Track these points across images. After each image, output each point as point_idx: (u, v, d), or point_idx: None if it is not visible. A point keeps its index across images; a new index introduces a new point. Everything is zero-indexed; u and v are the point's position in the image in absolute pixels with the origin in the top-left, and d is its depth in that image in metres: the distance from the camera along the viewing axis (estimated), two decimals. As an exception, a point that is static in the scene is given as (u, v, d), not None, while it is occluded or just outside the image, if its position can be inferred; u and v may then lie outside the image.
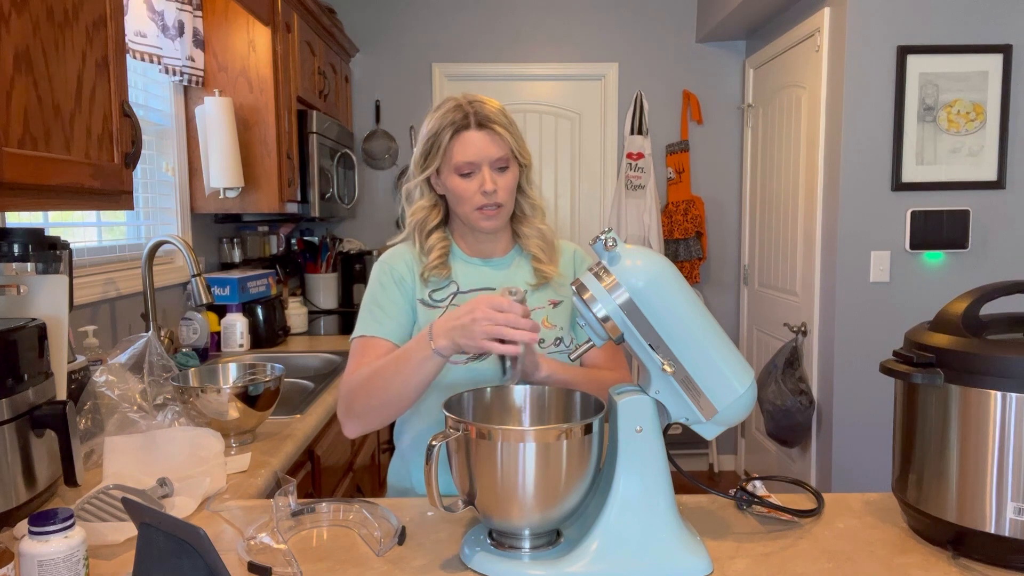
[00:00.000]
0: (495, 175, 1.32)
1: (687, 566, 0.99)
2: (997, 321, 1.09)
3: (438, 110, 1.34)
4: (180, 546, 0.83)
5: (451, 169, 1.32)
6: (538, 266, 1.41)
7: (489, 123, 1.31)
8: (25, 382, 1.20)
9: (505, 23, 4.00)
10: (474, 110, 1.31)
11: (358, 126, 4.01)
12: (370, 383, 1.23)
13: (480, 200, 1.32)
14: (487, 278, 1.40)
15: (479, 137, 1.31)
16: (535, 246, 1.42)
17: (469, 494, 1.01)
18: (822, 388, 3.09)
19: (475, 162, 1.31)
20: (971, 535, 1.01)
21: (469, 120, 1.31)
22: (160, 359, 1.69)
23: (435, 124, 1.33)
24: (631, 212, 3.97)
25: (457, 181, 1.33)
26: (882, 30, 2.83)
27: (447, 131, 1.31)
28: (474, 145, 1.30)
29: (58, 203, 1.34)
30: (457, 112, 1.31)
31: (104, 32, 1.42)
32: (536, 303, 1.39)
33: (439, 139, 1.32)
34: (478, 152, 1.31)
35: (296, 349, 2.84)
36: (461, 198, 1.33)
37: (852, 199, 2.90)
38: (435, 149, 1.33)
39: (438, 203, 1.41)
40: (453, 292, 1.38)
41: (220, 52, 2.64)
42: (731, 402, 1.00)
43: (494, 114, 1.33)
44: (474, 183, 1.32)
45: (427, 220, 1.40)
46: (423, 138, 1.35)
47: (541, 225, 1.43)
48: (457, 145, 1.31)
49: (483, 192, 1.31)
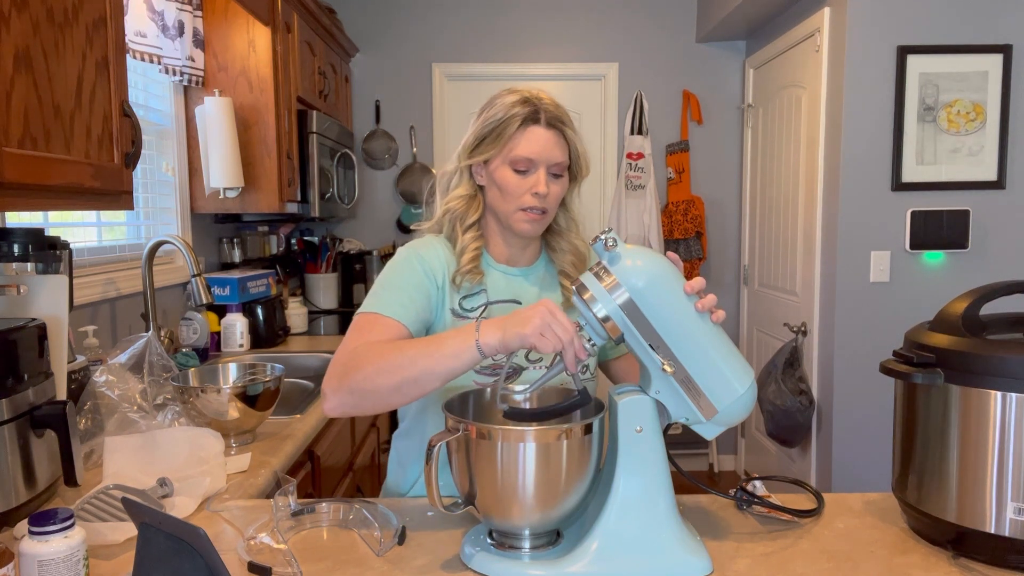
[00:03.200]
0: (549, 180, 1.26)
1: (687, 566, 0.99)
2: (997, 321, 1.09)
3: (500, 99, 1.27)
4: (180, 546, 0.83)
5: (506, 161, 1.25)
6: (566, 283, 1.35)
7: (560, 124, 1.26)
8: (25, 382, 1.20)
9: (505, 23, 4.00)
10: (544, 107, 1.25)
11: (358, 126, 4.02)
12: (384, 358, 1.09)
13: (529, 201, 1.25)
14: (516, 289, 1.33)
15: (546, 136, 1.25)
16: (568, 262, 1.36)
17: (469, 494, 1.01)
18: (822, 388, 3.09)
19: (535, 160, 1.24)
20: (971, 535, 1.01)
21: (539, 116, 1.24)
22: (160, 359, 1.69)
23: (499, 112, 1.25)
24: (631, 212, 3.97)
25: (509, 175, 1.25)
26: (882, 30, 2.83)
27: (514, 121, 1.24)
28: (540, 142, 1.24)
29: (58, 203, 1.34)
30: (527, 105, 1.24)
31: (104, 32, 1.42)
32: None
33: (504, 127, 1.24)
34: (542, 150, 1.24)
35: (296, 349, 2.84)
36: (510, 194, 1.26)
37: (852, 199, 2.90)
38: (495, 136, 1.25)
39: (477, 195, 1.32)
40: (484, 303, 1.30)
41: (220, 52, 2.64)
42: (731, 402, 1.00)
43: (565, 116, 1.27)
44: (527, 181, 1.25)
45: (466, 214, 1.31)
46: (482, 122, 1.27)
47: (576, 240, 1.37)
48: (523, 137, 1.24)
49: (534, 193, 1.24)
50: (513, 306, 1.30)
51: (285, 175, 2.74)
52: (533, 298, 1.33)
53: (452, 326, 1.27)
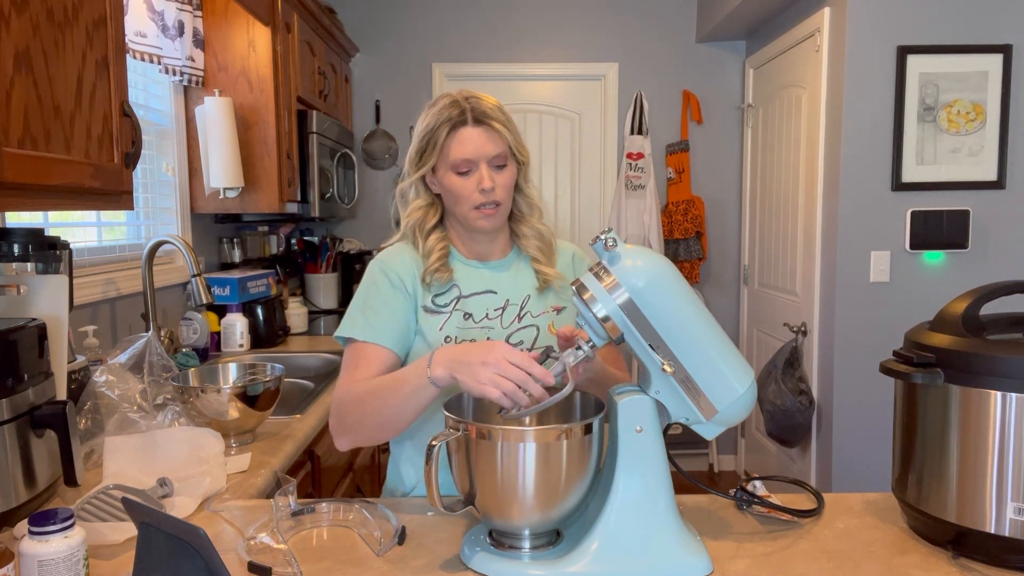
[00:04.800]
0: (493, 173, 1.29)
1: (687, 566, 0.99)
2: (997, 321, 1.09)
3: (433, 106, 1.31)
4: (180, 546, 0.83)
5: (448, 167, 1.29)
6: (537, 267, 1.38)
7: (487, 119, 1.28)
8: (25, 382, 1.20)
9: (505, 23, 4.00)
10: (471, 106, 1.28)
11: (358, 126, 4.01)
12: (364, 403, 1.19)
13: (478, 199, 1.29)
14: (488, 281, 1.37)
15: (476, 134, 1.28)
16: (533, 247, 1.39)
17: (469, 494, 1.01)
18: (822, 388, 3.09)
19: (472, 159, 1.27)
20: (971, 535, 1.01)
21: (466, 116, 1.27)
22: (160, 359, 1.69)
23: (431, 121, 1.30)
24: (631, 212, 3.96)
25: (454, 179, 1.29)
26: (882, 30, 2.83)
27: (443, 128, 1.28)
28: (472, 142, 1.27)
29: (58, 203, 1.34)
30: (453, 108, 1.28)
31: (104, 32, 1.42)
32: (539, 309, 1.36)
33: (435, 136, 1.28)
34: (476, 149, 1.27)
35: (296, 349, 2.84)
36: (459, 197, 1.30)
37: (852, 199, 2.90)
38: (431, 146, 1.29)
39: (435, 202, 1.37)
40: (456, 296, 1.34)
41: (220, 52, 2.64)
42: (731, 402, 1.00)
43: (491, 110, 1.30)
44: (471, 181, 1.28)
45: (425, 220, 1.36)
46: (418, 135, 1.32)
47: (539, 225, 1.40)
48: (454, 142, 1.28)
49: (481, 190, 1.28)
50: (486, 297, 1.35)
51: (285, 175, 2.74)
52: (507, 286, 1.37)
53: (424, 323, 1.32)
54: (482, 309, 1.34)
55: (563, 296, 1.39)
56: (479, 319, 1.33)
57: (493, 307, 1.34)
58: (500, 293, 1.36)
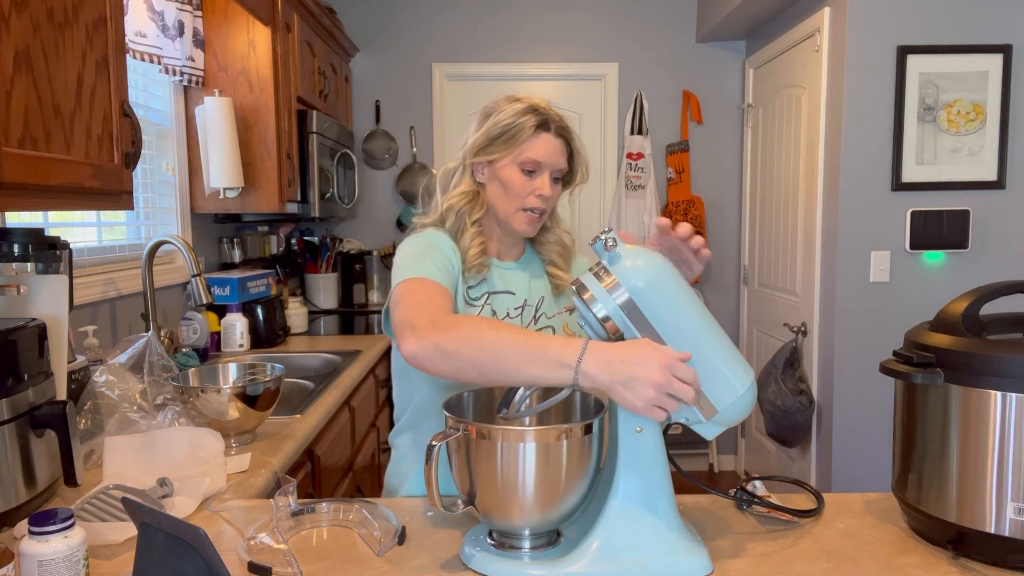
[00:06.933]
0: (551, 184, 1.33)
1: (687, 566, 0.99)
2: (997, 321, 1.09)
3: (508, 105, 1.33)
4: (180, 546, 0.83)
5: (515, 162, 1.31)
6: (554, 271, 1.42)
7: (569, 134, 1.34)
8: (25, 382, 1.20)
9: (505, 23, 4.00)
10: (552, 117, 1.33)
11: (358, 126, 4.01)
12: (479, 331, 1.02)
13: (532, 202, 1.32)
14: (508, 281, 1.39)
15: (555, 143, 1.32)
16: (555, 252, 1.43)
17: (469, 494, 1.01)
18: (822, 388, 3.09)
19: (543, 163, 1.31)
20: (971, 535, 1.01)
21: (550, 124, 1.32)
22: (160, 359, 1.69)
23: (510, 117, 1.31)
24: (631, 212, 3.97)
25: (517, 175, 1.32)
26: (882, 30, 2.83)
27: (528, 125, 1.30)
28: (549, 147, 1.31)
29: (58, 203, 1.34)
30: (537, 114, 1.32)
31: (104, 32, 1.42)
32: (554, 310, 1.40)
33: (517, 131, 1.30)
34: (550, 155, 1.31)
35: (296, 349, 2.84)
36: (515, 193, 1.32)
37: (852, 199, 2.90)
38: (507, 139, 1.31)
39: (480, 193, 1.37)
40: (487, 291, 1.36)
41: (220, 52, 2.64)
42: (731, 402, 1.00)
43: (571, 127, 1.36)
44: (532, 183, 1.32)
45: (472, 210, 1.35)
46: (493, 124, 1.32)
47: (562, 234, 1.45)
48: (536, 142, 1.31)
49: (538, 195, 1.32)
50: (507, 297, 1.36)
51: (285, 175, 2.74)
52: (524, 287, 1.39)
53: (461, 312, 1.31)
54: (504, 308, 1.37)
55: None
56: (502, 317, 1.36)
57: (513, 306, 1.37)
58: (518, 294, 1.39)
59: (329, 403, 2.02)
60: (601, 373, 0.94)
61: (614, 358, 0.94)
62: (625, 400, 0.94)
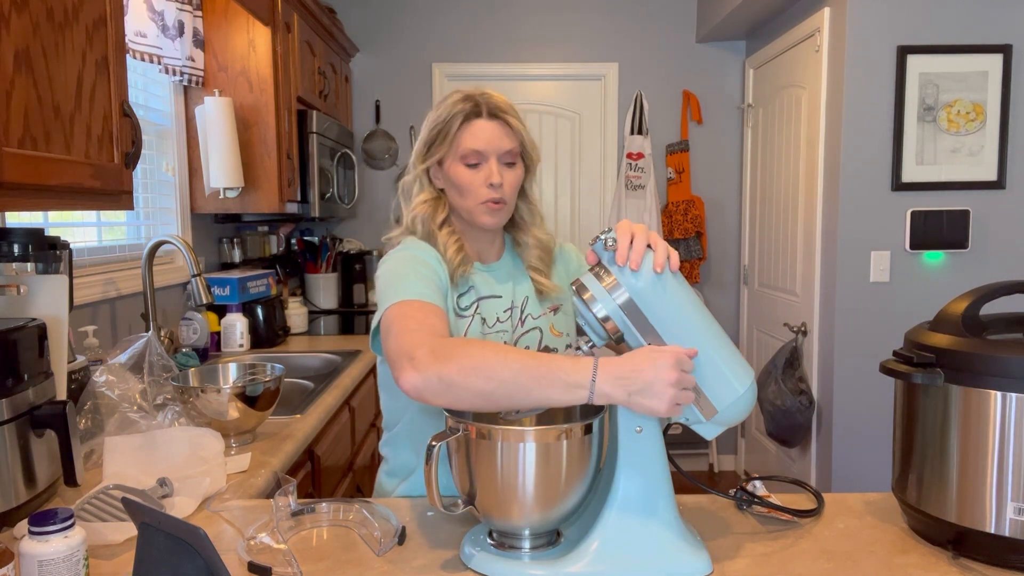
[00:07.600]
0: (502, 169, 1.27)
1: (687, 566, 0.99)
2: (997, 321, 1.09)
3: (445, 101, 1.29)
4: (180, 546, 0.83)
5: (457, 158, 1.27)
6: (536, 277, 1.37)
7: (501, 113, 1.27)
8: (25, 382, 1.20)
9: (505, 23, 4.00)
10: (485, 100, 1.27)
11: (358, 126, 4.02)
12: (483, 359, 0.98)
13: (486, 193, 1.26)
14: (491, 285, 1.34)
15: (490, 127, 1.26)
16: (535, 256, 1.37)
17: (469, 494, 1.01)
18: (822, 388, 3.09)
19: (484, 151, 1.26)
20: (971, 535, 1.01)
21: (481, 108, 1.26)
22: (160, 359, 1.69)
23: (443, 112, 1.28)
24: (631, 212, 3.96)
25: (462, 171, 1.27)
26: (882, 30, 2.83)
27: (457, 118, 1.26)
28: (485, 134, 1.26)
29: (58, 203, 1.34)
30: (467, 101, 1.27)
31: (104, 32, 1.42)
32: (539, 311, 1.36)
33: (448, 126, 1.27)
34: (488, 141, 1.26)
35: (296, 349, 2.84)
36: (466, 190, 1.27)
37: (852, 199, 2.90)
38: (442, 137, 1.27)
39: (441, 196, 1.34)
40: (476, 298, 1.31)
41: (220, 52, 2.64)
42: (731, 402, 1.00)
43: (506, 106, 1.29)
44: (480, 174, 1.26)
45: (435, 214, 1.32)
46: (428, 127, 1.30)
47: (541, 234, 1.38)
48: (467, 133, 1.26)
49: (489, 184, 1.26)
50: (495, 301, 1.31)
51: (285, 175, 2.74)
52: (507, 291, 1.34)
53: (452, 326, 1.26)
54: (492, 313, 1.32)
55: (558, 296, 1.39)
56: (491, 323, 1.31)
57: (502, 309, 1.33)
58: (505, 296, 1.34)
59: (329, 403, 2.02)
60: (615, 389, 0.94)
61: (625, 370, 0.95)
62: (646, 407, 0.95)
